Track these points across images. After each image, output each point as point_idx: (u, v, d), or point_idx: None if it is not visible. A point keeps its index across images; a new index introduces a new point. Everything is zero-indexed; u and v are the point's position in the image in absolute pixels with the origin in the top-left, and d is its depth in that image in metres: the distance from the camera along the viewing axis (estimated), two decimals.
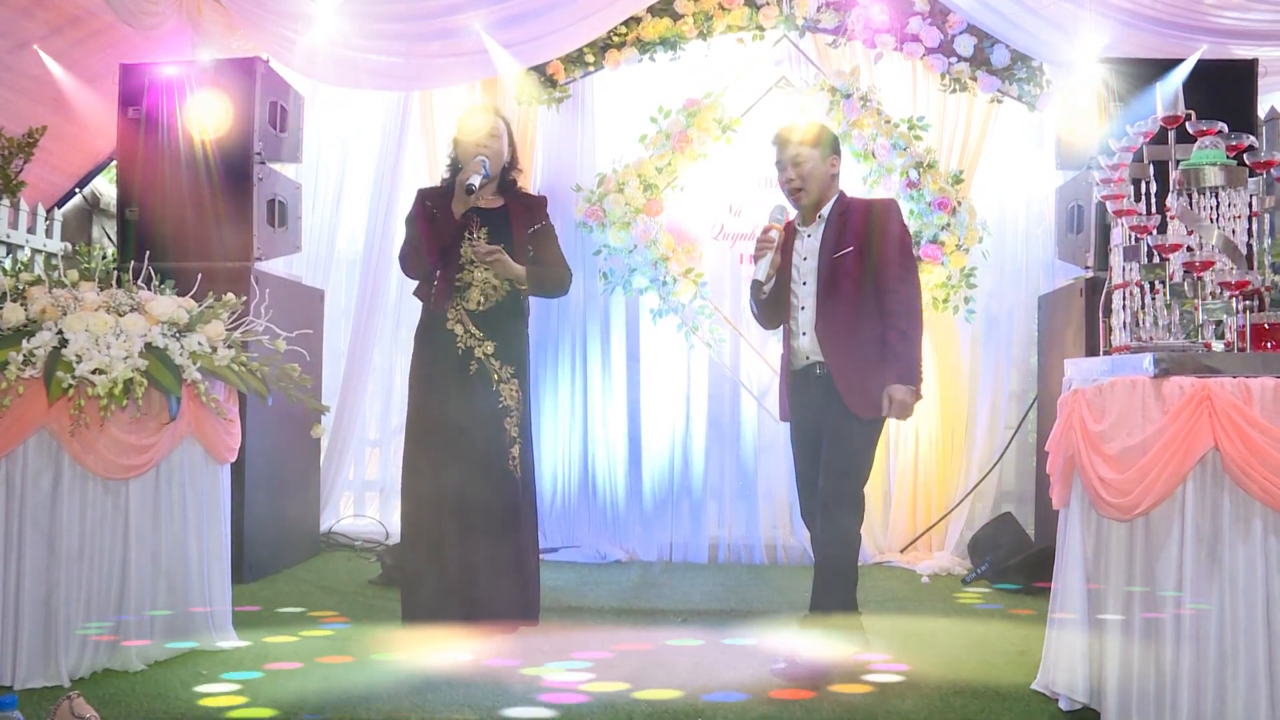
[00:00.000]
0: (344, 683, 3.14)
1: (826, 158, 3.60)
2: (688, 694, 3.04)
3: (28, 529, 3.07)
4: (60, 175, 5.91)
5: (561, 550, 5.45)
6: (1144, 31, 4.74)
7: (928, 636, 3.83)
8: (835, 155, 3.65)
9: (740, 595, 4.54)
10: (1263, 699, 2.54)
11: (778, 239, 3.55)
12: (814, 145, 3.58)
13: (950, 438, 5.54)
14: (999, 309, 5.62)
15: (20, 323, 3.16)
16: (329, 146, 5.99)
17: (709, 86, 5.41)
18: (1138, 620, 2.69)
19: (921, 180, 5.26)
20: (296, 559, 5.10)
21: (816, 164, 3.58)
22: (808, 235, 3.62)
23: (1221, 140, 2.94)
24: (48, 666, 3.05)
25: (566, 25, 5.19)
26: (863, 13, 5.28)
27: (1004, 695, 3.09)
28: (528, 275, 3.74)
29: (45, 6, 5.19)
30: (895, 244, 3.51)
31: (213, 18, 5.27)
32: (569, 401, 5.67)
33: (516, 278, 3.72)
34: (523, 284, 3.75)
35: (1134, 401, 2.69)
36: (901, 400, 3.42)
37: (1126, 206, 3.03)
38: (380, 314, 5.87)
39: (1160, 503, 2.62)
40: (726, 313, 5.58)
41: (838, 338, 3.49)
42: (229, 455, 3.52)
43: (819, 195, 3.60)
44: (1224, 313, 2.79)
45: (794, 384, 3.63)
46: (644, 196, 5.38)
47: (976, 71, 5.29)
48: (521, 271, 3.72)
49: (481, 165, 3.66)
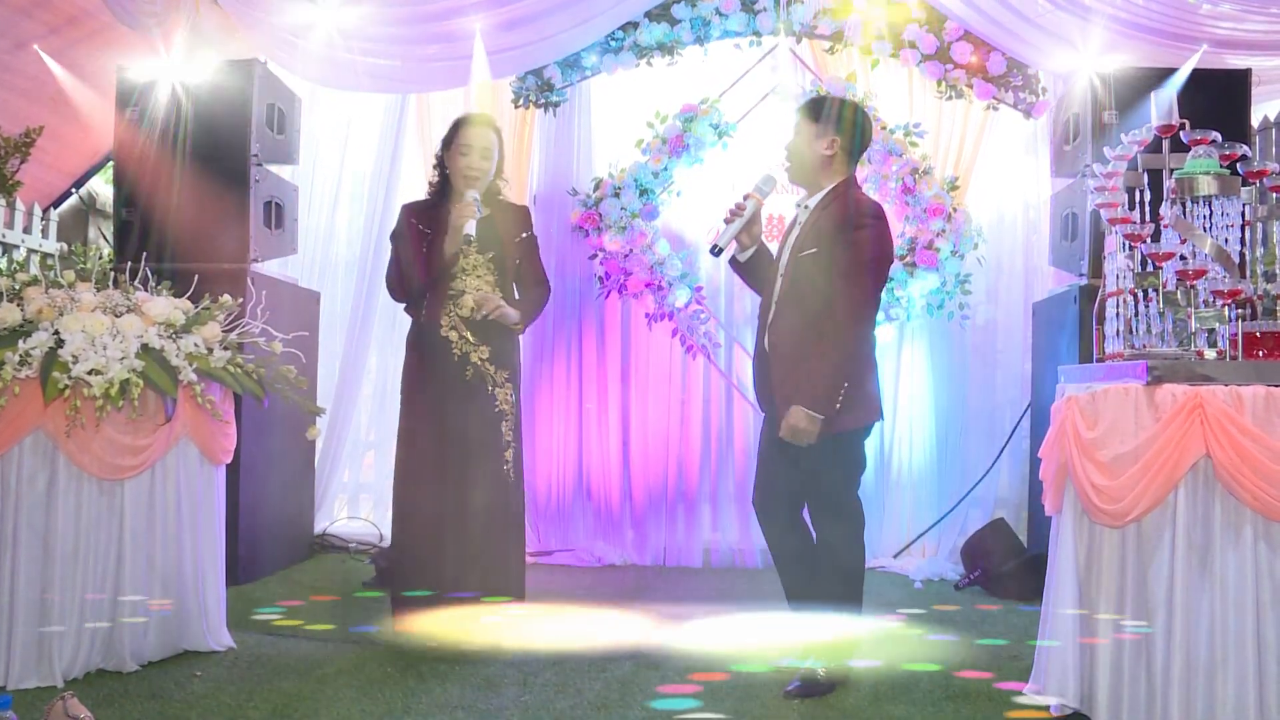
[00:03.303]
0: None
1: (819, 135, 3.27)
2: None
3: (23, 529, 3.08)
4: (57, 175, 5.92)
5: (555, 554, 5.45)
6: (1139, 40, 4.76)
7: (920, 641, 3.84)
8: (837, 135, 3.27)
9: (734, 599, 4.55)
10: (1252, 704, 2.55)
11: (751, 209, 3.32)
12: (805, 119, 3.31)
13: (944, 444, 5.55)
14: (993, 315, 5.63)
15: (16, 323, 3.17)
16: (326, 149, 5.99)
17: (706, 92, 5.42)
18: (1129, 626, 2.70)
19: (917, 186, 5.28)
20: (290, 561, 5.10)
21: (800, 141, 3.31)
22: (799, 222, 3.36)
23: (1215, 149, 2.96)
24: (41, 666, 3.06)
25: (564, 30, 5.20)
26: (859, 19, 5.30)
27: (996, 700, 3.11)
28: (521, 317, 3.80)
29: (43, 6, 5.19)
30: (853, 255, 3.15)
31: (210, 19, 5.27)
32: (564, 405, 5.67)
33: (512, 322, 3.77)
34: (517, 325, 3.80)
35: (1127, 409, 2.70)
36: (794, 425, 3.13)
37: (1121, 215, 3.05)
38: (376, 316, 5.87)
39: (1152, 509, 2.64)
40: (722, 317, 5.59)
41: (784, 346, 3.26)
42: (224, 456, 3.52)
43: (808, 177, 3.33)
44: (1216, 321, 2.81)
45: (758, 373, 3.44)
46: (640, 201, 5.38)
47: (972, 79, 5.31)
48: (517, 316, 3.78)
49: (476, 209, 3.65)
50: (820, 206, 3.30)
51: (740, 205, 3.34)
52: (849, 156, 3.34)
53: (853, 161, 3.37)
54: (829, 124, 3.27)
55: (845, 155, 3.32)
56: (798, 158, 3.34)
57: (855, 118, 3.32)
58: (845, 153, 3.32)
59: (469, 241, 3.62)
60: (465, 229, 3.59)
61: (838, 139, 3.27)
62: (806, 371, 3.16)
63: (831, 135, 3.27)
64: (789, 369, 3.23)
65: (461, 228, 3.61)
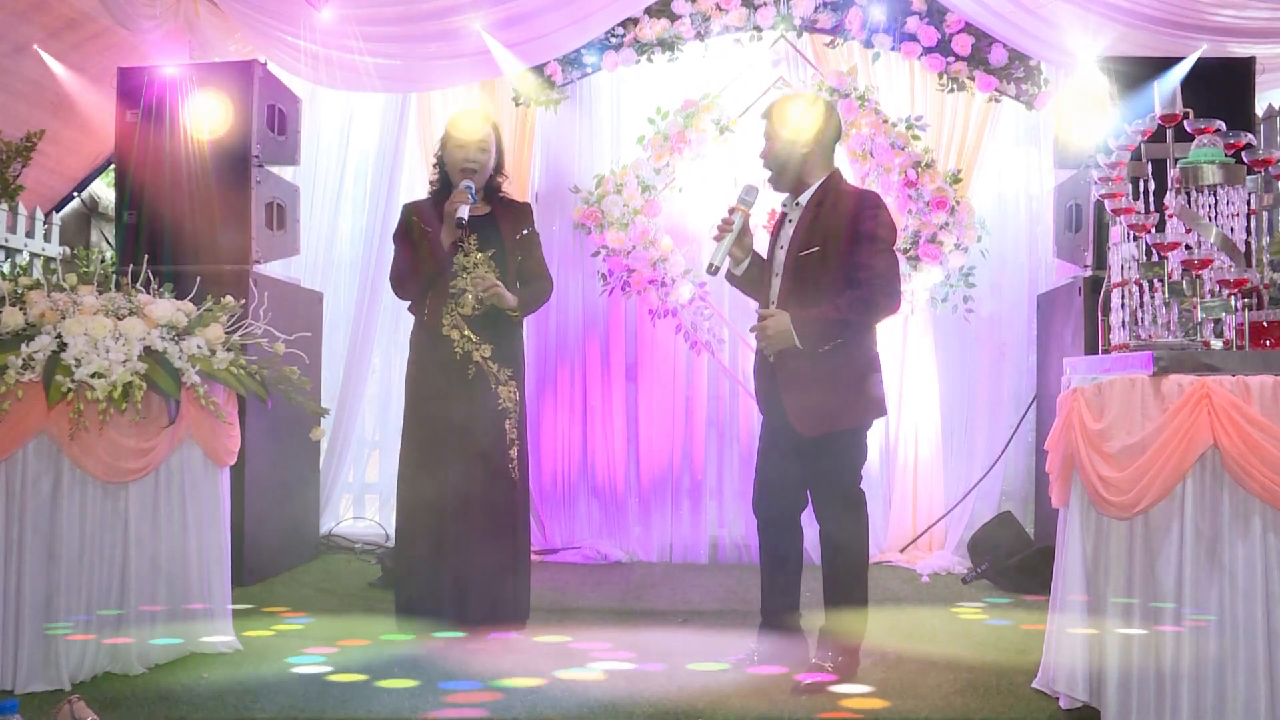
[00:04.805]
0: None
1: (801, 137, 3.29)
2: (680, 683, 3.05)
3: (28, 533, 3.07)
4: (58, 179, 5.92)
5: (561, 551, 5.45)
6: (1142, 30, 4.74)
7: (927, 635, 3.83)
8: (818, 134, 3.31)
9: (741, 595, 4.54)
10: (1262, 696, 2.54)
11: (739, 222, 3.32)
12: (786, 121, 3.31)
13: (949, 437, 5.54)
14: (997, 308, 5.61)
15: (19, 327, 3.16)
16: (327, 149, 5.99)
17: (707, 87, 5.41)
18: (1138, 618, 2.69)
19: (920, 179, 5.26)
20: (296, 561, 5.10)
21: (784, 143, 3.31)
22: (790, 221, 3.37)
23: (1219, 138, 2.94)
24: (48, 670, 3.05)
25: (564, 27, 5.19)
26: (860, 12, 5.29)
27: (1004, 693, 3.10)
28: (519, 304, 3.79)
29: (43, 10, 5.19)
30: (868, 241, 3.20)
31: (209, 21, 5.28)
32: (568, 403, 5.66)
33: (510, 307, 3.75)
34: (515, 311, 3.79)
35: (1133, 400, 2.69)
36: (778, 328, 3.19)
37: (1125, 205, 3.03)
38: (379, 316, 5.87)
39: (1160, 501, 2.63)
40: (725, 313, 5.58)
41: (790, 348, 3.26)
42: (228, 458, 3.52)
43: (793, 178, 3.34)
44: (1223, 310, 2.79)
45: (757, 376, 3.47)
46: (642, 197, 5.38)
47: (974, 71, 5.29)
48: (514, 301, 3.76)
49: (469, 195, 3.66)
50: (814, 203, 3.31)
51: (728, 220, 3.34)
52: (829, 149, 3.39)
53: (832, 153, 3.41)
54: (806, 125, 3.29)
55: (825, 149, 3.36)
56: (779, 162, 3.34)
57: (824, 110, 3.36)
58: (823, 147, 3.36)
59: (461, 225, 3.62)
60: (458, 213, 3.60)
61: (813, 135, 3.30)
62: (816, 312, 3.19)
63: (807, 133, 3.29)
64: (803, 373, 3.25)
65: (454, 213, 3.61)
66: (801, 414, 3.25)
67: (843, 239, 3.22)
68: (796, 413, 3.25)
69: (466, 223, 3.63)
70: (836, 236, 3.23)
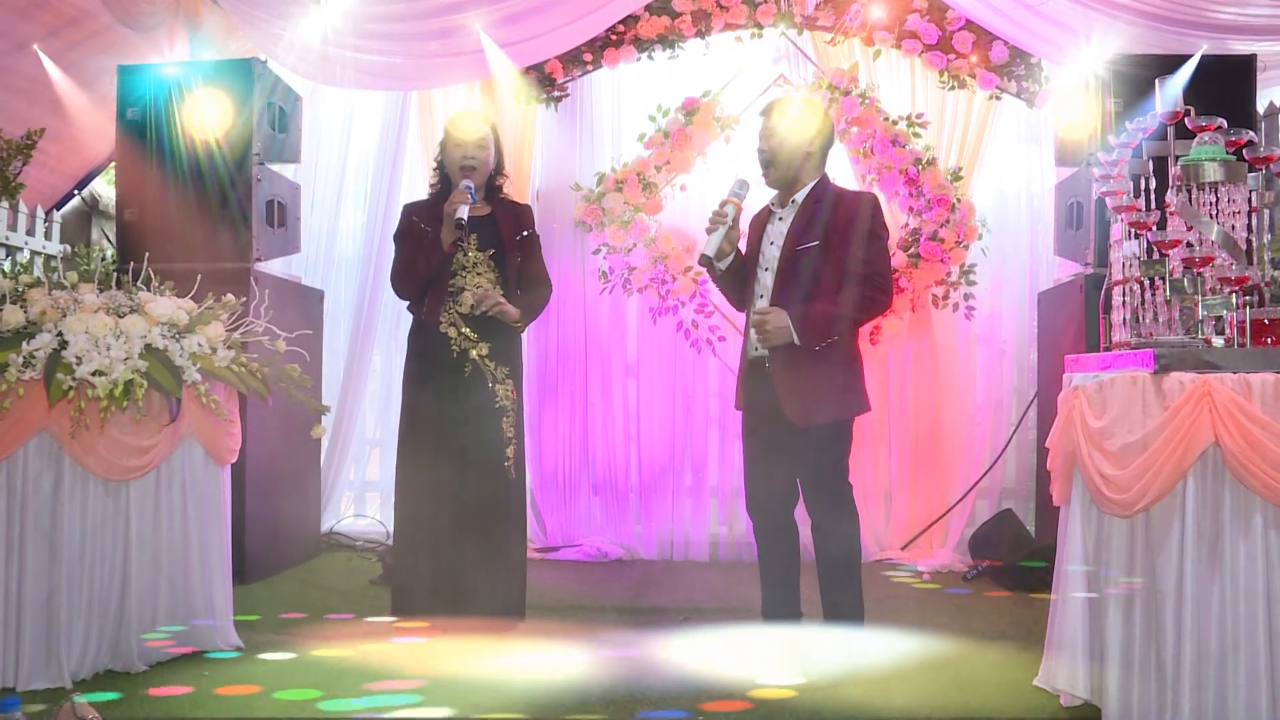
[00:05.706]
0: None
1: (803, 136, 3.37)
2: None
3: (29, 531, 3.07)
4: (59, 177, 5.91)
5: (562, 549, 5.45)
6: (1142, 28, 4.73)
7: (928, 633, 3.83)
8: (817, 136, 3.42)
9: (742, 593, 4.54)
10: (1264, 694, 2.54)
11: (732, 214, 3.39)
12: (788, 119, 3.38)
13: (951, 434, 5.53)
14: (998, 305, 5.61)
15: (20, 325, 3.16)
16: (328, 147, 5.99)
17: (707, 85, 5.40)
18: (1139, 616, 2.69)
19: (920, 177, 5.26)
20: (297, 559, 5.10)
21: (786, 140, 3.38)
22: (779, 219, 3.44)
23: (1220, 136, 2.94)
24: (50, 667, 3.05)
25: (564, 24, 5.19)
26: (861, 10, 5.28)
27: (1005, 691, 3.09)
28: (521, 314, 3.79)
29: (43, 8, 5.18)
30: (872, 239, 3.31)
31: (210, 19, 5.27)
32: (569, 401, 5.66)
33: (513, 320, 3.76)
34: (518, 323, 3.79)
35: (1134, 397, 2.69)
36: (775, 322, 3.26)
37: (1126, 203, 3.03)
38: (380, 314, 5.87)
39: (1161, 499, 2.63)
40: (727, 311, 5.58)
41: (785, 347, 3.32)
42: (229, 456, 3.52)
43: (790, 175, 3.41)
44: (1224, 308, 2.79)
45: (746, 373, 3.50)
46: (643, 195, 5.37)
47: (975, 68, 5.29)
48: (518, 313, 3.77)
49: (468, 194, 3.66)
50: (812, 200, 3.37)
51: (721, 212, 3.41)
52: (825, 151, 3.49)
53: (826, 156, 3.51)
54: (807, 125, 3.37)
55: (822, 150, 3.46)
56: (783, 156, 3.39)
57: (823, 113, 3.47)
58: (821, 148, 3.46)
59: (461, 225, 3.62)
60: (457, 214, 3.60)
61: (814, 135, 3.39)
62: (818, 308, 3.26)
63: (808, 132, 3.38)
64: (798, 364, 3.28)
65: (454, 213, 3.61)
66: (798, 406, 3.30)
67: (846, 235, 3.30)
68: (792, 405, 3.30)
69: (466, 223, 3.63)
70: (839, 232, 3.31)
